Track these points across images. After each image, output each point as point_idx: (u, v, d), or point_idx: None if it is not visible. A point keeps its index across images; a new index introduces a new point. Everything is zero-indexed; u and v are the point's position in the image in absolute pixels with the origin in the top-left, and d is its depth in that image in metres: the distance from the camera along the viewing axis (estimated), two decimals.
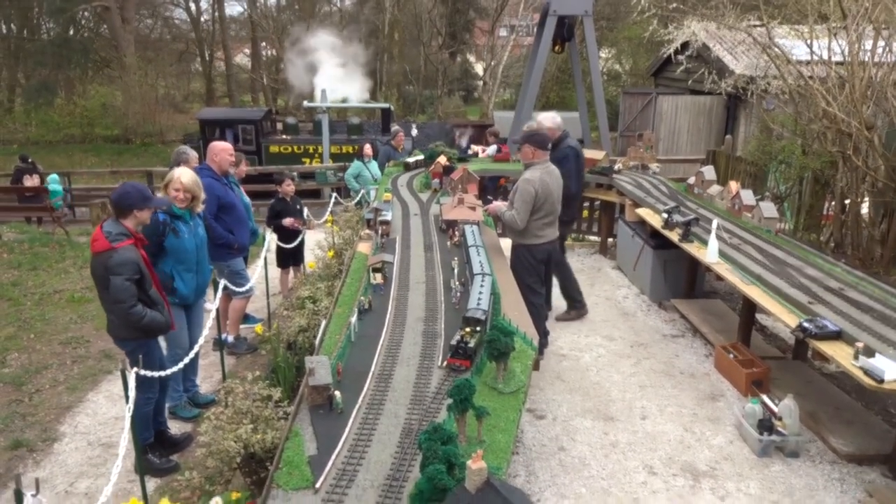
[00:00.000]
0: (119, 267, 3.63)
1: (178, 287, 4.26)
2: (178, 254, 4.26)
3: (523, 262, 5.16)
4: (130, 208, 3.78)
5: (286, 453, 2.35)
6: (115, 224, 3.76)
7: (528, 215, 5.00)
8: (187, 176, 4.34)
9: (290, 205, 6.89)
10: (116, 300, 3.66)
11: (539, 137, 5.13)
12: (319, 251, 5.73)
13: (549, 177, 5.09)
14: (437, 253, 4.38)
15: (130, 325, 3.73)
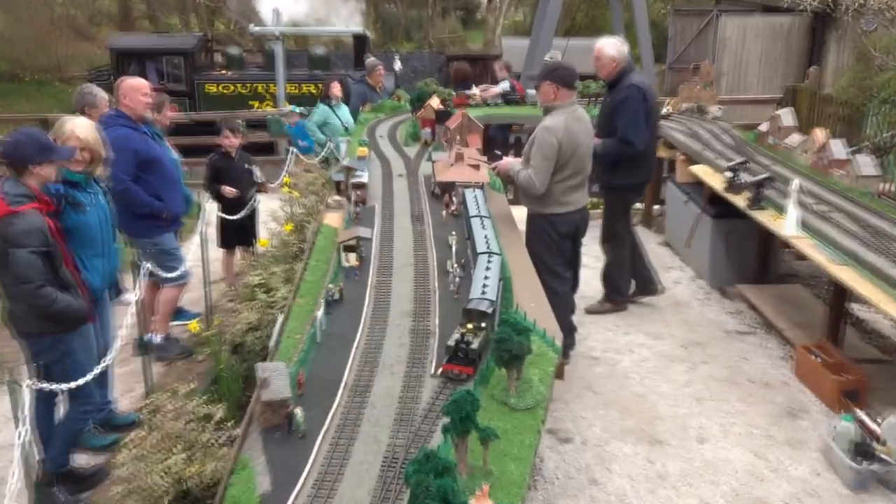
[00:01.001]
0: (22, 236, 3.58)
1: (87, 278, 4.19)
2: (82, 233, 4.14)
3: (543, 238, 5.18)
4: (25, 163, 3.73)
5: (231, 490, 2.35)
6: (15, 184, 3.70)
7: (548, 175, 5.00)
8: (84, 127, 4.21)
9: (236, 163, 6.85)
10: (20, 279, 3.59)
11: (563, 72, 5.11)
12: (274, 224, 5.72)
13: (576, 124, 5.07)
14: (430, 226, 4.37)
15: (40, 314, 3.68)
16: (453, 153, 5.06)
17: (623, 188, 6.27)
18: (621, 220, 6.41)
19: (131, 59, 16.03)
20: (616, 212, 6.41)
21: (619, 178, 6.20)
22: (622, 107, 5.98)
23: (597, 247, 8.03)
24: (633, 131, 5.92)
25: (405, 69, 20.05)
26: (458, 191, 4.71)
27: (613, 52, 6.09)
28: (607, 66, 6.13)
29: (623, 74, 6.06)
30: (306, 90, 16.26)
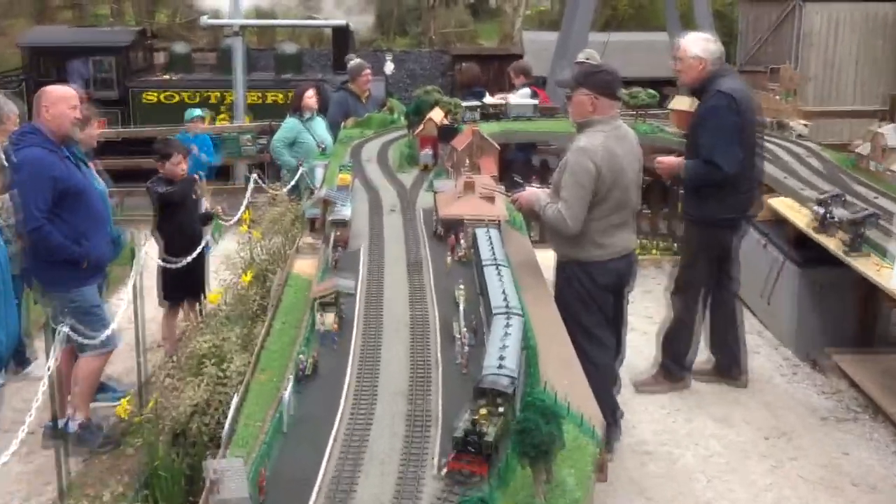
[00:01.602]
0: None
1: None
2: None
3: (577, 292, 5.20)
4: None
5: None
6: None
7: (584, 210, 5.05)
8: None
9: (181, 192, 6.92)
10: None
11: (603, 77, 5.18)
12: (228, 273, 5.74)
13: (619, 144, 5.12)
14: (430, 276, 4.37)
15: None
16: (461, 181, 5.10)
17: (707, 223, 6.31)
18: (701, 265, 6.43)
19: (48, 59, 16.27)
20: (696, 253, 6.46)
21: (704, 210, 6.27)
22: (707, 120, 6.08)
23: (647, 304, 8.04)
24: (720, 151, 6.00)
25: (399, 72, 20.30)
26: (468, 230, 4.72)
27: (698, 51, 6.19)
28: (691, 68, 6.24)
29: (711, 79, 6.16)
30: (272, 99, 16.46)
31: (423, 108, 7.29)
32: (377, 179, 6.34)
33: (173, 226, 6.91)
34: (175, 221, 6.91)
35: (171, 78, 16.81)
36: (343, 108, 10.12)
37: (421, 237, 4.99)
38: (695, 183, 6.23)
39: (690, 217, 6.45)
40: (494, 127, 8.33)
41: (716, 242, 6.38)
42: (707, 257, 6.40)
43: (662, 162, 6.61)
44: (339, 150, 7.54)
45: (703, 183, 6.15)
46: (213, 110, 16.20)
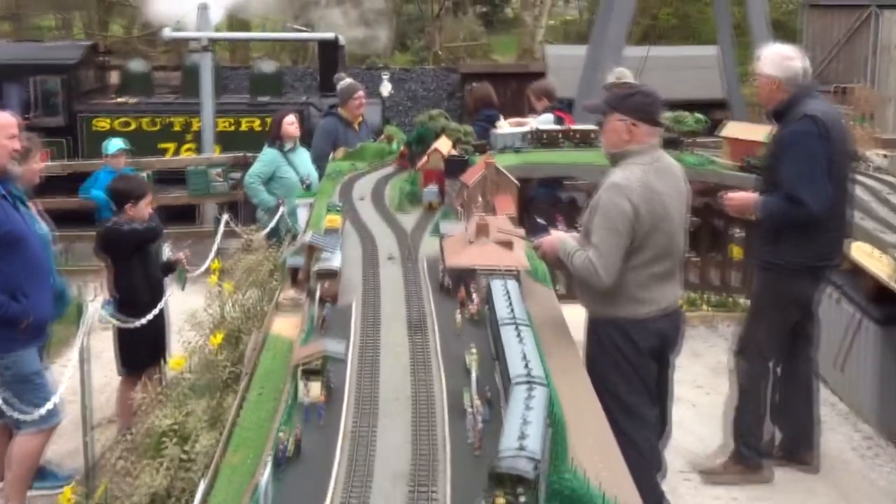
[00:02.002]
0: None
1: None
2: None
3: (612, 356, 5.21)
4: None
5: None
6: None
7: (619, 258, 5.07)
8: None
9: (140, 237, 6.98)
10: None
11: (641, 99, 5.22)
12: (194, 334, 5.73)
13: (662, 179, 5.15)
14: (436, 338, 4.36)
15: None
16: (473, 224, 5.10)
17: (784, 270, 6.30)
18: (774, 322, 6.41)
19: None
20: (768, 306, 6.44)
21: (781, 255, 6.28)
22: (789, 148, 6.10)
23: (696, 370, 8.02)
24: (805, 185, 6.01)
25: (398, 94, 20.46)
26: (481, 282, 4.72)
27: (771, 69, 6.25)
28: (763, 87, 6.32)
29: (794, 101, 6.21)
30: (247, 126, 16.57)
31: (426, 137, 7.35)
32: (372, 222, 6.35)
33: (136, 276, 6.95)
34: (139, 271, 6.95)
35: (127, 101, 16.93)
36: (331, 136, 10.18)
37: (424, 291, 4.97)
38: (773, 223, 6.24)
39: (764, 263, 6.45)
40: (512, 159, 8.36)
41: (793, 294, 6.37)
42: (781, 312, 6.39)
43: (733, 198, 6.60)
44: (326, 186, 7.57)
45: (783, 223, 6.17)
46: (176, 139, 16.34)
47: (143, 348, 6.94)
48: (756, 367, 6.45)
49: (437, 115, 7.76)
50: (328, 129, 10.39)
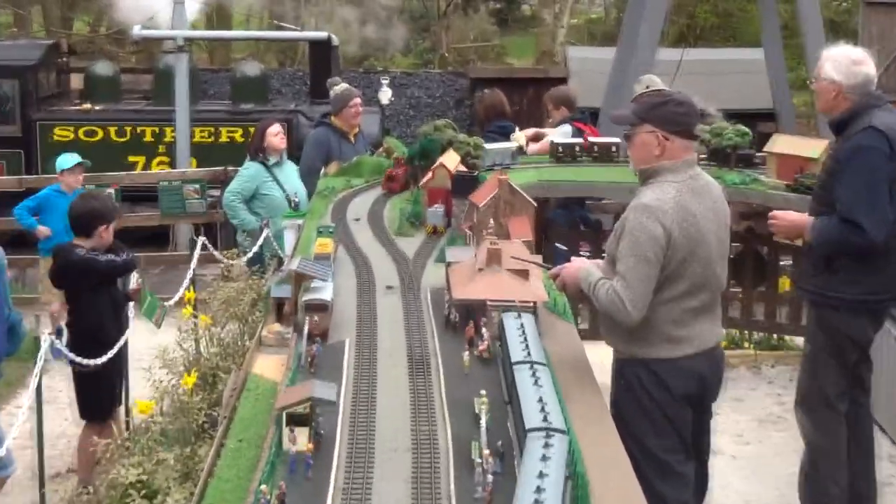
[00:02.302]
0: None
1: None
2: None
3: (641, 402, 5.21)
4: None
5: None
6: None
7: (649, 290, 5.07)
8: None
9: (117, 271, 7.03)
10: None
11: (674, 109, 5.23)
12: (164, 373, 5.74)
13: (698, 200, 5.16)
14: (441, 379, 4.37)
15: None
16: (484, 250, 5.11)
17: (839, 306, 6.26)
18: (837, 367, 6.36)
19: None
20: (825, 349, 6.38)
21: (835, 288, 6.24)
22: (849, 164, 6.06)
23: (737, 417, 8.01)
24: (864, 207, 5.98)
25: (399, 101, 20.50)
26: (492, 317, 4.73)
27: (833, 72, 6.21)
28: (823, 93, 6.29)
29: (858, 112, 6.17)
30: (227, 136, 16.63)
31: (431, 151, 7.35)
32: (369, 247, 6.36)
33: (103, 310, 6.97)
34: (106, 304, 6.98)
35: (92, 108, 17.01)
36: (323, 149, 10.22)
37: (428, 326, 4.98)
38: (826, 250, 6.19)
39: (815, 298, 6.41)
40: (528, 176, 8.37)
41: (850, 334, 6.31)
42: (839, 355, 6.33)
43: (780, 219, 6.56)
44: (317, 205, 7.59)
45: (837, 250, 6.13)
46: (147, 152, 16.39)
47: (106, 390, 6.95)
48: (825, 419, 6.35)
49: (443, 126, 7.77)
50: (320, 141, 10.42)
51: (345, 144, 10.22)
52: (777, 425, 8.25)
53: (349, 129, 10.43)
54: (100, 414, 7.04)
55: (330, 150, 10.11)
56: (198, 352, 5.96)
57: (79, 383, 7.00)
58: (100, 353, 6.71)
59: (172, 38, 15.97)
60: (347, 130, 10.41)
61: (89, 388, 6.96)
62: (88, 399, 7.02)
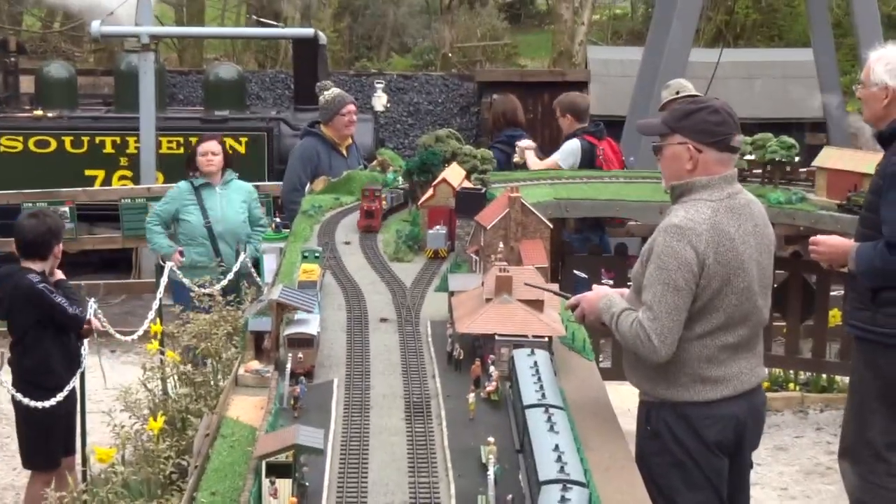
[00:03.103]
0: None
1: None
2: None
3: (671, 450, 5.21)
4: None
5: None
6: None
7: (679, 323, 5.07)
8: None
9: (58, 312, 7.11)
10: None
11: (707, 118, 5.23)
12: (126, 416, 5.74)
13: (736, 221, 5.18)
14: (443, 424, 4.38)
15: None
16: (492, 277, 5.13)
17: (890, 342, 6.24)
18: (886, 412, 6.35)
19: None
20: (874, 392, 6.36)
21: (882, 322, 6.23)
22: (894, 183, 6.07)
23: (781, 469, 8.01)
24: None
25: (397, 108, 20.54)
26: (502, 354, 4.74)
27: (885, 76, 6.24)
28: (873, 100, 6.30)
29: None
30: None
31: (432, 165, 7.36)
32: (360, 273, 6.38)
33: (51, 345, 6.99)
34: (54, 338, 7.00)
35: (45, 115, 16.99)
36: (310, 163, 10.25)
37: (428, 364, 4.99)
38: (872, 278, 6.18)
39: (860, 332, 6.39)
40: (543, 194, 8.39)
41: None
42: (887, 398, 6.31)
43: (821, 244, 6.56)
44: (301, 226, 7.60)
45: (884, 279, 6.12)
46: (107, 165, 16.40)
47: (57, 435, 6.95)
48: (873, 473, 6.33)
49: (445, 136, 7.77)
50: (306, 154, 10.45)
51: (335, 157, 10.25)
52: (825, 478, 8.24)
53: (340, 140, 10.48)
54: (46, 463, 7.04)
55: (318, 163, 10.14)
56: (165, 392, 5.96)
57: (22, 427, 7.00)
58: (48, 392, 6.73)
59: (136, 36, 15.97)
60: (338, 141, 10.45)
61: (37, 431, 6.96)
62: (34, 445, 7.02)
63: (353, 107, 10.60)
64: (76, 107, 17.47)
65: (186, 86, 20.25)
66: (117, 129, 16.53)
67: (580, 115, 11.17)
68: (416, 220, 6.99)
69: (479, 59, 28.97)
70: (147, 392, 5.99)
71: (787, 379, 10.34)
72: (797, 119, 18.26)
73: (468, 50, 29.82)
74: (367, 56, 30.36)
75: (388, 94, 18.35)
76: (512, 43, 31.19)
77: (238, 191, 10.33)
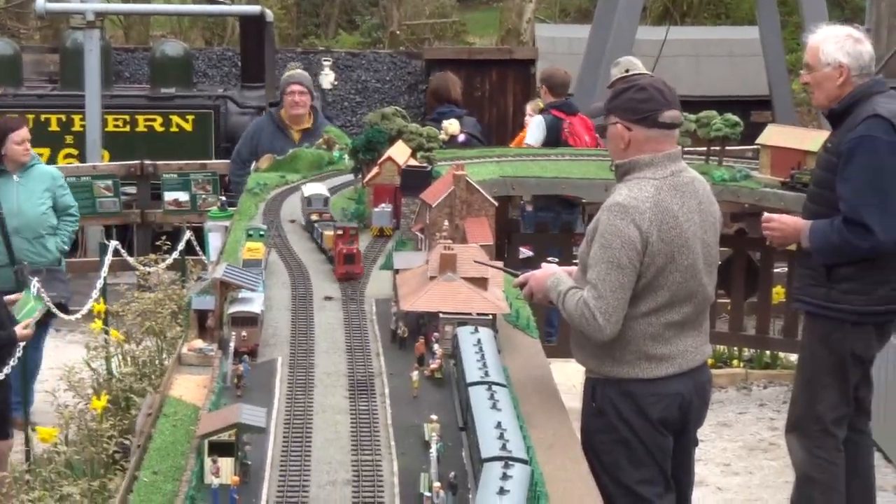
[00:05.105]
0: None
1: None
2: None
3: (615, 428, 5.20)
4: None
5: None
6: None
7: (624, 301, 5.07)
8: None
9: None
10: None
11: (634, 94, 5.23)
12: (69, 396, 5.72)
13: (680, 199, 5.18)
14: (387, 402, 4.38)
15: None
16: (436, 255, 5.12)
17: (841, 319, 6.27)
18: (838, 388, 6.36)
19: None
20: (827, 368, 6.37)
21: (837, 298, 6.24)
22: (853, 158, 6.06)
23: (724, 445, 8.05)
24: (871, 206, 6.00)
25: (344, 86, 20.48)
26: (446, 331, 4.74)
27: (838, 54, 6.19)
28: (827, 81, 6.26)
29: (859, 98, 6.19)
30: (145, 125, 16.55)
31: (377, 143, 7.34)
32: (305, 252, 6.37)
33: None
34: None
35: None
36: (251, 140, 10.26)
37: (372, 343, 4.99)
38: (827, 256, 6.18)
39: (814, 309, 6.38)
40: (489, 171, 8.38)
41: (853, 351, 6.31)
42: (839, 374, 6.32)
43: (778, 222, 6.55)
44: (246, 204, 7.56)
45: (840, 255, 6.13)
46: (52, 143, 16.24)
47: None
48: (821, 447, 6.34)
49: (391, 114, 7.75)
50: (251, 131, 10.48)
51: (279, 139, 10.16)
52: (768, 453, 8.30)
53: (290, 121, 10.43)
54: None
55: (258, 142, 10.09)
56: (109, 372, 5.94)
57: None
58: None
59: (82, 13, 15.83)
60: (289, 123, 10.42)
61: None
62: None
63: (298, 87, 10.50)
64: (21, 84, 17.30)
65: (132, 63, 20.08)
66: (63, 107, 16.39)
67: (553, 88, 11.24)
68: (362, 198, 6.98)
69: (428, 37, 28.92)
70: (90, 371, 5.97)
71: (732, 355, 10.39)
72: (744, 97, 18.33)
73: (416, 27, 29.78)
74: (315, 33, 30.24)
75: (336, 72, 18.28)
76: (460, 21, 31.17)
77: (40, 178, 9.67)
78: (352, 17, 31.53)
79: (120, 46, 21.81)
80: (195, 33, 27.72)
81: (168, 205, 13.09)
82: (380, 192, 6.72)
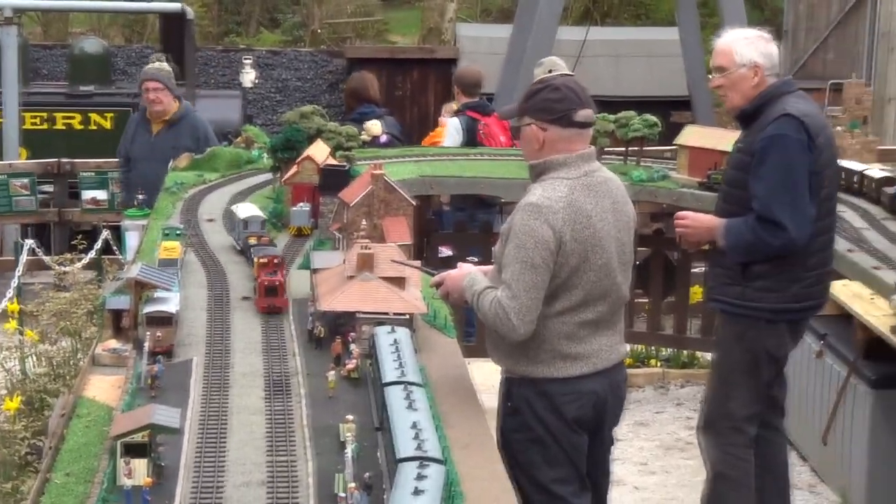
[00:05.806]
0: None
1: None
2: None
3: (531, 427, 5.22)
4: None
5: None
6: None
7: (538, 301, 5.08)
8: None
9: None
10: None
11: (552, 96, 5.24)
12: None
13: (594, 199, 5.20)
14: (302, 402, 4.37)
15: None
16: (354, 255, 5.12)
17: (755, 317, 6.31)
18: (747, 384, 6.41)
19: None
20: (741, 366, 6.41)
21: (751, 297, 6.28)
22: (765, 156, 6.11)
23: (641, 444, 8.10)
24: (785, 205, 6.04)
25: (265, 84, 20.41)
26: (363, 331, 4.74)
27: (752, 54, 6.25)
28: (742, 81, 6.29)
29: (769, 99, 6.25)
30: (64, 123, 16.41)
31: (296, 141, 7.32)
32: (223, 251, 6.35)
33: None
34: None
35: None
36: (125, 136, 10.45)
37: (289, 343, 4.99)
38: (740, 254, 6.22)
39: (728, 308, 6.42)
40: (408, 171, 8.39)
41: (767, 348, 6.34)
42: (752, 372, 6.37)
43: (691, 220, 6.55)
44: (163, 203, 7.52)
45: (753, 254, 6.17)
46: None
47: None
48: (732, 445, 6.40)
49: (310, 113, 7.74)
50: (126, 128, 10.67)
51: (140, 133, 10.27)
52: (685, 452, 8.37)
53: (151, 116, 10.33)
54: None
55: (127, 136, 10.32)
56: (23, 372, 5.88)
57: None
58: None
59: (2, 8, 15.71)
60: (150, 117, 10.35)
61: None
62: None
63: (152, 83, 10.28)
64: None
65: (50, 60, 19.89)
66: None
67: (465, 88, 11.23)
68: (280, 196, 6.97)
69: (349, 36, 28.89)
70: (4, 372, 5.91)
71: (649, 355, 10.44)
72: (663, 97, 18.45)
73: (338, 26, 29.73)
74: (236, 31, 30.11)
75: (257, 70, 18.25)
76: (382, 20, 31.16)
77: None
78: (273, 16, 31.43)
79: (38, 43, 21.57)
80: (115, 30, 27.51)
81: (86, 203, 12.95)
82: (298, 191, 6.72)
